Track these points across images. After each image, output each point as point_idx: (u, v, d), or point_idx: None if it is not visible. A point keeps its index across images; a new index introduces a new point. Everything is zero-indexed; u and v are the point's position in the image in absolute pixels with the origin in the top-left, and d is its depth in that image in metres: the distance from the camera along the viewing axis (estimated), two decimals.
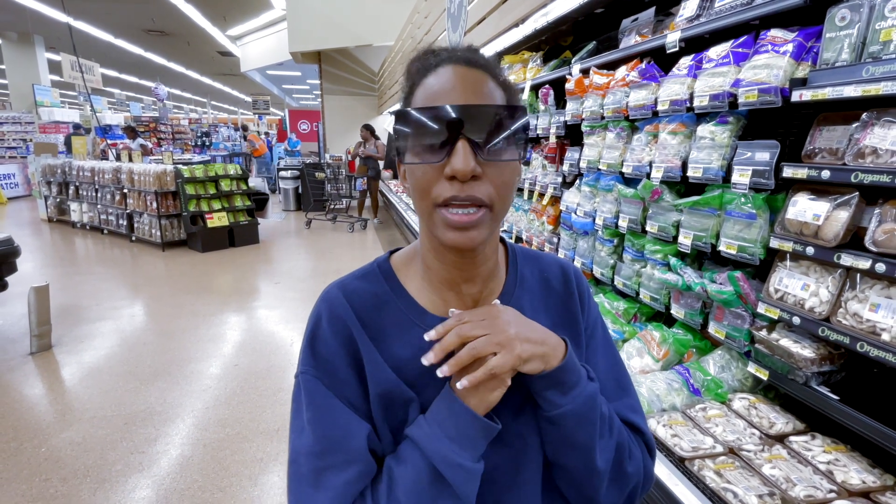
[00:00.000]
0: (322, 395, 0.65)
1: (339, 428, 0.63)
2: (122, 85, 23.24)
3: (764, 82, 1.38)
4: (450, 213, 0.57)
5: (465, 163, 0.55)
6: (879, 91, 1.11)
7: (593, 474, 0.66)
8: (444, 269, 0.68)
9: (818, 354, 1.32)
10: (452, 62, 0.62)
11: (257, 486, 2.26)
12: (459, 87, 0.59)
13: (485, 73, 0.62)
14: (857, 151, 1.21)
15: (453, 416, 0.60)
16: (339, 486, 0.60)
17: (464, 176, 0.56)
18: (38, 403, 2.97)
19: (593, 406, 0.65)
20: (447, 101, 0.58)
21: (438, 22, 5.10)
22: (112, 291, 5.17)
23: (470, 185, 0.57)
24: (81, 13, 11.51)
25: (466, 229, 0.58)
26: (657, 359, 1.80)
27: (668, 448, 1.37)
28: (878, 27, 1.17)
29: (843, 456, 1.29)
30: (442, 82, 0.60)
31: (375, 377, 0.65)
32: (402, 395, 0.64)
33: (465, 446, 0.59)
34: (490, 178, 0.58)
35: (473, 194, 0.57)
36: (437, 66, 0.62)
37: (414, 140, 0.58)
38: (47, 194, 9.20)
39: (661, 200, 1.85)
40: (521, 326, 0.63)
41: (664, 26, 2.04)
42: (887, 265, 1.12)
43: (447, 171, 0.56)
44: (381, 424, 0.65)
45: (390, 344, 0.67)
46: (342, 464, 0.61)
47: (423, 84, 0.62)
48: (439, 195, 0.58)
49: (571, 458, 0.67)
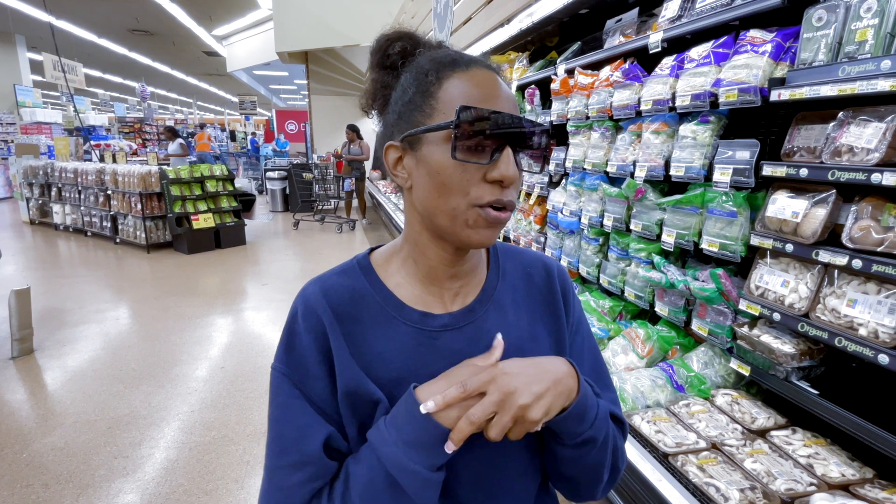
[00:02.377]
0: (285, 394, 0.66)
1: (296, 429, 0.64)
2: (106, 85, 22.93)
3: (744, 82, 1.40)
4: (492, 212, 0.60)
5: (513, 171, 0.59)
6: (855, 90, 1.13)
7: (598, 482, 0.69)
8: (432, 265, 0.69)
9: (798, 350, 1.34)
10: (485, 67, 0.63)
11: (244, 489, 2.24)
12: (504, 97, 0.62)
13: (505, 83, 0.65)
14: (833, 150, 1.23)
15: (412, 421, 0.58)
16: (290, 486, 0.62)
17: (510, 182, 0.60)
18: (19, 409, 2.92)
19: (606, 425, 0.67)
20: (495, 106, 0.60)
21: (425, 22, 5.11)
22: (96, 294, 5.09)
23: (508, 191, 0.61)
24: (64, 12, 11.34)
25: (497, 227, 0.62)
26: (642, 356, 1.82)
27: (652, 444, 1.38)
28: (854, 27, 1.19)
29: (823, 449, 1.31)
30: (482, 86, 0.61)
31: (344, 375, 0.65)
32: (368, 395, 0.64)
33: (421, 453, 0.58)
34: (515, 185, 0.62)
35: (511, 199, 0.61)
36: (469, 67, 0.62)
37: (467, 138, 0.58)
38: (29, 196, 9.04)
39: (645, 199, 1.87)
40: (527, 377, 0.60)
41: (647, 27, 2.06)
42: (864, 261, 1.14)
43: (495, 175, 0.59)
44: (349, 422, 0.66)
45: (368, 338, 0.67)
46: (295, 464, 0.62)
47: (453, 79, 0.61)
48: (481, 196, 0.59)
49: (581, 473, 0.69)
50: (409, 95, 0.64)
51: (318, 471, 0.62)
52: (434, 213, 0.62)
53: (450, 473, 0.65)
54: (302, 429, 0.64)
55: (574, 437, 0.63)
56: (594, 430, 0.64)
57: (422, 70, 0.64)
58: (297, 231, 8.71)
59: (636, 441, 1.42)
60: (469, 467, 0.67)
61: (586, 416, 0.63)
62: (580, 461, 0.67)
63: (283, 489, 0.63)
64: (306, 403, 0.65)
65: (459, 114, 0.57)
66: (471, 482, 0.67)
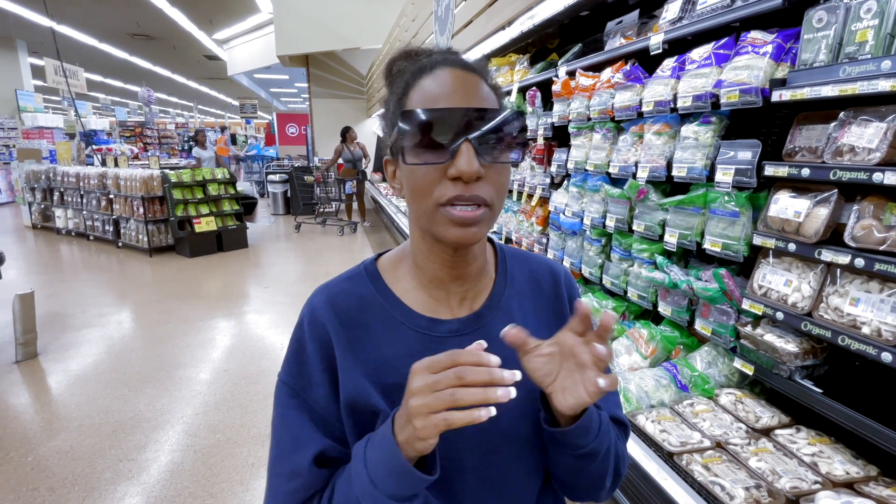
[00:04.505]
0: (284, 404, 0.68)
1: (290, 439, 0.65)
2: (107, 89, 22.99)
3: (745, 83, 1.41)
4: (455, 210, 0.58)
5: (470, 164, 0.56)
6: (856, 91, 1.14)
7: (599, 488, 0.70)
8: (434, 269, 0.69)
9: (801, 349, 1.34)
10: (448, 65, 0.62)
11: (249, 491, 2.25)
12: (461, 90, 0.60)
13: (479, 77, 0.63)
14: (835, 150, 1.23)
15: (383, 442, 0.55)
16: (284, 493, 0.64)
17: (469, 177, 0.56)
18: (24, 412, 2.93)
19: (608, 438, 0.67)
20: (450, 103, 0.59)
21: (426, 25, 5.13)
22: (99, 298, 5.11)
23: (473, 186, 0.58)
24: (65, 17, 11.38)
25: (468, 225, 0.59)
26: (645, 356, 1.82)
27: (656, 443, 1.39)
28: (854, 28, 1.20)
29: (827, 448, 1.32)
30: (441, 84, 0.60)
31: (346, 385, 0.65)
32: (368, 405, 0.64)
33: (387, 481, 0.54)
34: (490, 179, 0.59)
35: (477, 194, 0.58)
36: (433, 68, 0.62)
37: (417, 141, 0.58)
38: (31, 200, 9.06)
39: (647, 200, 1.88)
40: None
41: (648, 28, 2.07)
42: (866, 260, 1.14)
43: (452, 171, 0.57)
44: (350, 431, 0.66)
45: (376, 343, 0.67)
46: (288, 474, 0.64)
47: (418, 85, 0.62)
48: (443, 195, 0.58)
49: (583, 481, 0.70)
50: (390, 109, 0.65)
51: (306, 482, 0.64)
52: (417, 216, 0.64)
53: (456, 475, 0.66)
54: (296, 440, 0.65)
55: (577, 448, 0.64)
56: (597, 443, 0.64)
57: (398, 83, 0.65)
58: (299, 234, 8.73)
59: (641, 441, 1.43)
60: (477, 469, 0.67)
61: (590, 430, 0.63)
62: (582, 470, 0.67)
63: (277, 496, 0.65)
64: (304, 414, 0.66)
65: (400, 119, 0.58)
66: (477, 483, 0.68)
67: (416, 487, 0.55)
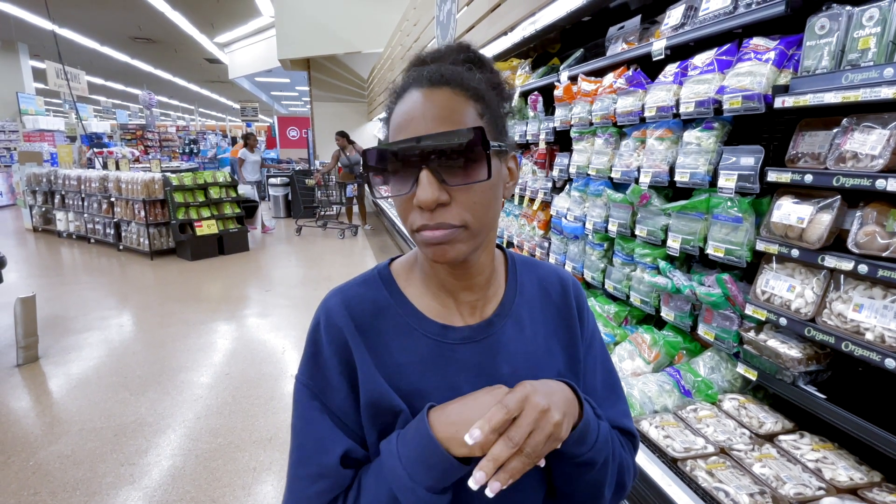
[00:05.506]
0: (305, 406, 0.67)
1: (315, 441, 0.65)
2: (108, 92, 23.04)
3: (747, 89, 1.42)
4: (425, 233, 0.59)
5: (427, 193, 0.56)
6: (858, 98, 1.14)
7: (598, 498, 0.70)
8: (442, 278, 0.70)
9: (805, 354, 1.34)
10: (417, 85, 0.61)
11: (251, 496, 2.25)
12: (420, 116, 0.59)
13: (450, 90, 0.60)
14: (838, 156, 1.24)
15: (419, 440, 0.58)
16: (309, 495, 0.64)
17: (427, 206, 0.57)
18: (25, 416, 2.92)
19: (607, 448, 0.67)
20: (410, 131, 0.58)
21: (427, 29, 5.14)
22: (100, 301, 5.11)
23: (439, 213, 0.58)
24: (66, 20, 11.42)
25: (440, 244, 0.59)
26: (648, 361, 1.83)
27: (660, 449, 1.39)
28: (857, 35, 1.20)
29: (830, 454, 1.32)
30: (407, 111, 0.60)
31: (366, 386, 0.66)
32: (390, 406, 0.65)
33: (423, 474, 0.57)
34: (460, 202, 0.58)
35: (443, 221, 0.58)
36: (405, 92, 0.62)
37: (384, 174, 0.60)
38: (32, 203, 9.08)
39: (650, 205, 1.88)
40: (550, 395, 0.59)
41: (650, 34, 2.08)
42: (869, 266, 1.15)
43: (414, 202, 0.58)
44: (370, 432, 0.66)
45: (390, 349, 0.68)
46: (313, 476, 0.64)
47: (394, 112, 0.63)
48: (413, 223, 0.60)
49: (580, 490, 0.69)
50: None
51: (334, 483, 0.64)
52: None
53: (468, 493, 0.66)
54: (320, 441, 0.65)
55: (573, 457, 0.64)
56: (594, 452, 0.64)
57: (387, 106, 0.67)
58: (300, 237, 8.73)
59: (644, 446, 1.43)
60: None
61: (587, 440, 0.63)
62: (578, 479, 0.67)
63: (300, 498, 0.64)
64: (325, 415, 0.66)
65: (367, 156, 0.61)
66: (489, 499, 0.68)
67: (452, 478, 0.58)
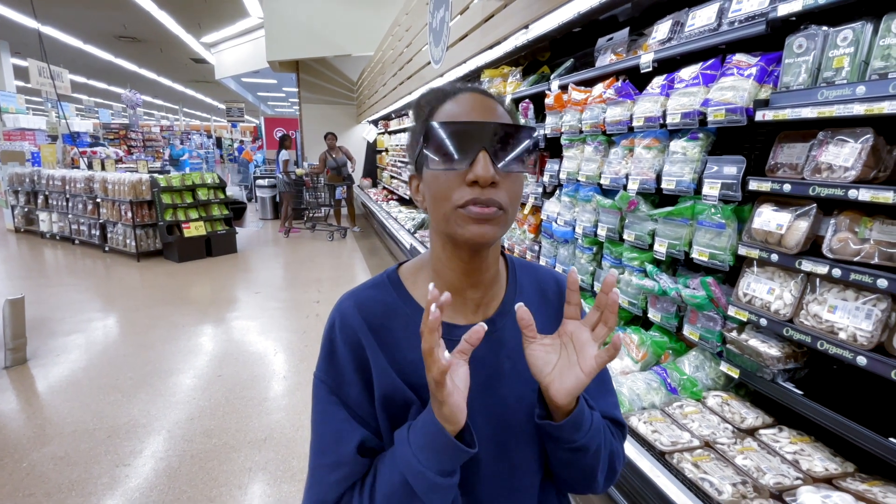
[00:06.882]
0: (323, 400, 0.73)
1: (332, 433, 0.71)
2: (91, 91, 22.68)
3: (731, 102, 1.50)
4: (473, 208, 0.65)
5: (486, 170, 0.63)
6: (833, 113, 1.23)
7: (591, 481, 0.76)
8: (453, 278, 0.75)
9: (784, 353, 1.43)
10: (469, 91, 0.71)
11: (247, 496, 2.27)
12: (479, 109, 0.68)
13: (497, 103, 0.71)
14: (814, 167, 1.32)
15: (428, 427, 0.62)
16: (328, 483, 0.69)
17: (485, 181, 0.63)
18: (15, 418, 2.91)
19: (599, 436, 0.73)
20: (469, 118, 0.67)
21: (420, 36, 5.20)
22: (86, 303, 5.06)
23: (488, 191, 0.64)
24: (50, 18, 11.24)
25: (483, 222, 0.65)
26: (636, 360, 1.90)
27: (649, 443, 1.46)
28: (832, 55, 1.29)
29: (807, 446, 1.40)
30: (462, 105, 0.69)
31: (380, 381, 0.71)
32: (402, 399, 0.71)
33: (431, 457, 0.62)
34: (504, 186, 0.66)
35: (492, 197, 0.64)
36: (456, 94, 0.71)
37: (440, 151, 0.66)
38: (14, 204, 8.92)
39: (638, 211, 1.96)
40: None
41: (637, 45, 2.16)
42: (843, 270, 1.23)
43: (470, 176, 0.64)
44: (384, 424, 0.72)
45: (400, 348, 0.73)
46: (332, 465, 0.70)
47: (441, 109, 0.70)
48: (461, 198, 0.65)
49: (575, 474, 0.75)
50: (415, 129, 0.73)
51: (352, 470, 0.69)
52: (437, 221, 0.70)
53: (472, 467, 0.72)
54: (338, 433, 0.71)
55: (569, 442, 0.70)
56: (587, 439, 0.70)
57: (421, 106, 0.74)
58: (288, 239, 8.71)
59: (634, 441, 1.50)
60: (489, 462, 0.73)
61: (581, 427, 0.69)
62: (573, 463, 0.73)
63: (321, 485, 0.70)
64: (342, 409, 0.72)
65: (426, 129, 0.66)
66: (490, 475, 0.74)
67: (459, 460, 0.62)
